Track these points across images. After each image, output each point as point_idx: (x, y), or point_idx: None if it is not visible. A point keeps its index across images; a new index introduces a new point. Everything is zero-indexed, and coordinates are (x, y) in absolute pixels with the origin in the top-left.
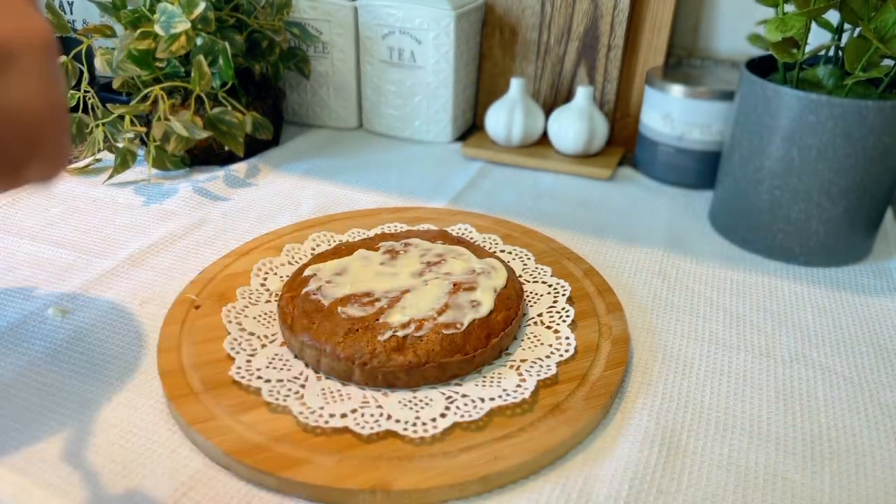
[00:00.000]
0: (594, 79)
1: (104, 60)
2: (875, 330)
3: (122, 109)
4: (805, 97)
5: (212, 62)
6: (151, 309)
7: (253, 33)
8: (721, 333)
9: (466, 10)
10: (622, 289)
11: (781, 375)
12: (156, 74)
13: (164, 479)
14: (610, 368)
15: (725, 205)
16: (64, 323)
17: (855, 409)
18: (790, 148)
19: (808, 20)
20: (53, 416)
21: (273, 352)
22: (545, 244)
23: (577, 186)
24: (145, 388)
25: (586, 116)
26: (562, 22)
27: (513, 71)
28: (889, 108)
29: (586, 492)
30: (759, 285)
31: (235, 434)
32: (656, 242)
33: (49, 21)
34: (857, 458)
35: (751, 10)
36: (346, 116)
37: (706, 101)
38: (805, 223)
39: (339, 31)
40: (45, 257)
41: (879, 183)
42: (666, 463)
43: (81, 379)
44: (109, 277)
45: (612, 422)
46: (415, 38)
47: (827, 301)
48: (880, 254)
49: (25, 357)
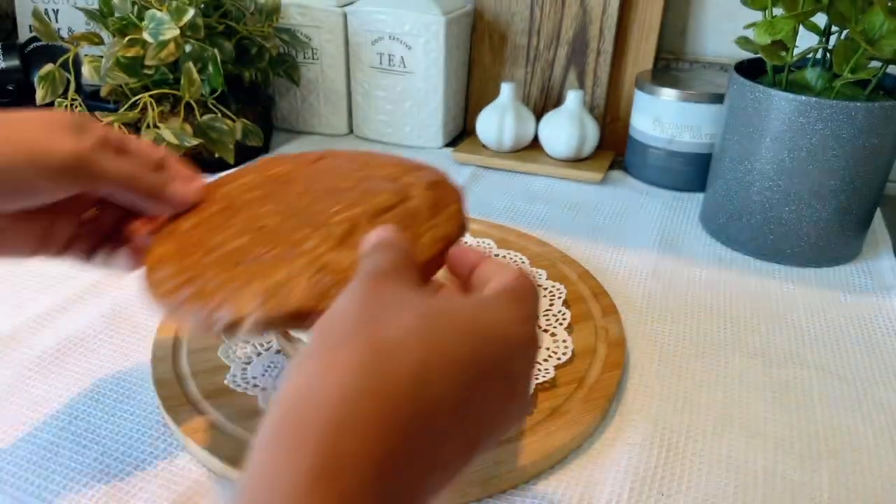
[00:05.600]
0: (584, 83)
1: (92, 68)
2: (867, 329)
3: (111, 117)
4: (794, 99)
5: (201, 69)
6: (143, 318)
7: (242, 40)
8: (715, 334)
9: (456, 15)
10: (616, 291)
11: (776, 375)
12: (144, 82)
13: (162, 491)
14: (607, 371)
15: (717, 207)
16: (55, 333)
17: (850, 407)
18: (780, 150)
19: (796, 23)
20: (45, 428)
21: (269, 360)
22: (539, 248)
23: (569, 190)
24: (140, 397)
25: (577, 120)
26: (551, 27)
27: (503, 76)
28: (877, 109)
29: (587, 495)
30: (752, 286)
31: (233, 443)
32: (649, 245)
33: (37, 29)
34: (854, 455)
35: (738, 13)
36: (337, 123)
37: (696, 104)
38: (796, 224)
39: (328, 38)
40: (35, 267)
41: (869, 183)
42: (665, 465)
43: (73, 390)
44: (100, 286)
45: (611, 424)
46: (404, 43)
47: (819, 301)
48: (870, 253)
49: (16, 369)
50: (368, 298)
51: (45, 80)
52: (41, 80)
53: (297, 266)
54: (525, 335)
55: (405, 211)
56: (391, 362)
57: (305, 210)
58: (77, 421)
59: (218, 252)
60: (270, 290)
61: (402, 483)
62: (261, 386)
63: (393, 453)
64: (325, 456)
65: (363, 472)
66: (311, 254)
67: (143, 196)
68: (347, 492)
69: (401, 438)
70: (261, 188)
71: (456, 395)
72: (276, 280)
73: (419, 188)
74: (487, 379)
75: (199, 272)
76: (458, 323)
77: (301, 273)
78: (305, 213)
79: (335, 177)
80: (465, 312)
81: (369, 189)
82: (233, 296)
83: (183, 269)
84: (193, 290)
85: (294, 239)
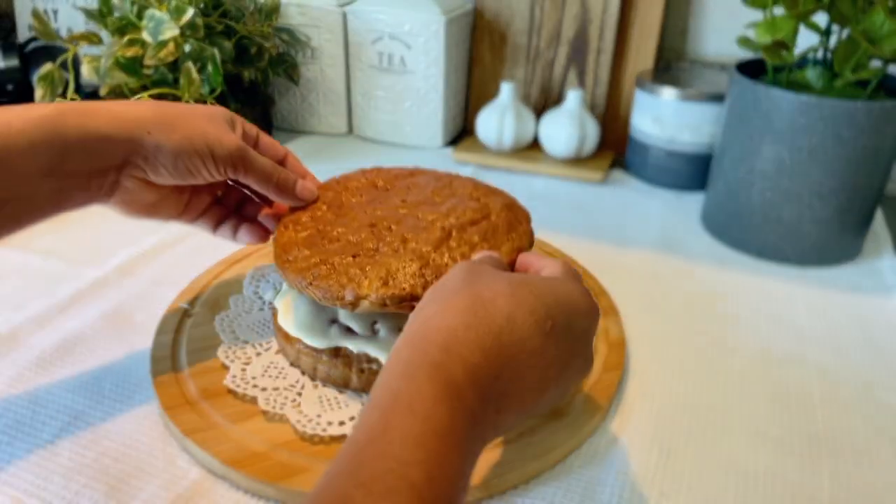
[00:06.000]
0: (584, 83)
1: (91, 68)
2: (868, 328)
3: None
4: (795, 98)
5: (201, 69)
6: (143, 318)
7: (242, 39)
8: (716, 334)
9: (456, 14)
10: (617, 291)
11: (777, 375)
12: (144, 82)
13: (162, 492)
14: (607, 371)
15: (717, 206)
16: (54, 333)
17: (851, 407)
18: (781, 149)
19: (796, 22)
20: (45, 428)
21: (268, 360)
22: (539, 248)
23: (569, 190)
24: (139, 398)
25: (577, 120)
26: (551, 26)
27: (503, 75)
28: (878, 109)
29: (588, 496)
30: (752, 286)
31: (233, 443)
32: (649, 245)
33: (37, 29)
34: (855, 456)
35: (739, 13)
36: (336, 122)
37: (696, 104)
38: (797, 224)
39: (328, 37)
40: (35, 267)
41: (869, 183)
42: (666, 465)
43: (73, 390)
44: (99, 287)
45: (612, 425)
46: (405, 43)
47: (820, 301)
48: (871, 253)
49: (15, 369)
50: (471, 272)
51: (44, 80)
52: (40, 80)
53: (404, 260)
54: (587, 303)
55: (488, 225)
56: (486, 309)
57: (407, 217)
58: (77, 421)
59: (339, 242)
60: (385, 278)
61: (489, 386)
62: (260, 386)
63: (482, 366)
64: (441, 356)
65: (463, 371)
66: (416, 252)
67: (275, 190)
68: (451, 380)
69: (490, 359)
70: (365, 194)
71: (533, 340)
72: (389, 270)
73: (497, 208)
74: (557, 334)
75: (326, 257)
76: (536, 289)
77: (408, 266)
78: (407, 219)
79: (428, 192)
80: (541, 283)
81: (457, 205)
82: (356, 278)
83: (313, 253)
84: (323, 269)
85: (401, 238)
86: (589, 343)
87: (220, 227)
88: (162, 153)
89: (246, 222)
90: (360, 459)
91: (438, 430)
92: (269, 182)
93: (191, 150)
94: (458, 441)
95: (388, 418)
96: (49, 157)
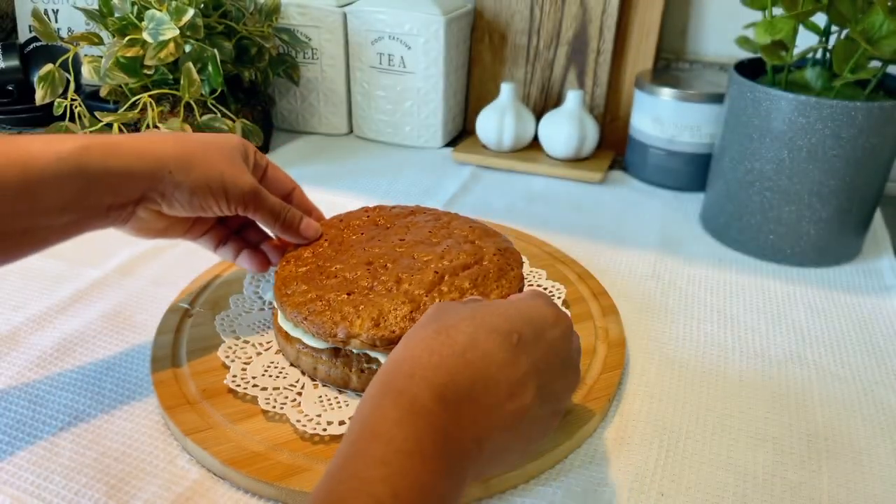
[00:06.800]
0: (584, 83)
1: (91, 68)
2: (867, 328)
3: (111, 118)
4: (795, 99)
5: (201, 69)
6: (143, 318)
7: (242, 40)
8: (715, 334)
9: (456, 15)
10: (616, 291)
11: (777, 375)
12: (144, 82)
13: (162, 491)
14: (607, 371)
15: (717, 206)
16: (54, 333)
17: (850, 407)
18: (780, 149)
19: (796, 23)
20: (45, 428)
21: (268, 360)
22: (539, 248)
23: (568, 190)
24: (139, 398)
25: (577, 120)
26: (551, 27)
27: (503, 76)
28: (877, 109)
29: (588, 496)
30: (752, 286)
31: (233, 443)
32: (649, 245)
33: (37, 29)
34: (854, 456)
35: (738, 13)
36: (336, 122)
37: (696, 104)
38: (796, 224)
39: (328, 37)
40: (35, 267)
41: (869, 183)
42: (665, 465)
43: (73, 390)
44: (99, 287)
45: (612, 424)
46: (404, 43)
47: (819, 301)
48: (870, 253)
49: (15, 369)
50: (438, 308)
51: (44, 81)
52: (41, 81)
53: (397, 302)
54: (553, 313)
55: (480, 270)
56: (449, 334)
57: (403, 256)
58: (77, 421)
59: (336, 279)
60: (377, 319)
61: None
62: (260, 386)
63: (449, 385)
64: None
65: (430, 391)
66: (408, 294)
67: (280, 228)
68: (416, 401)
69: (457, 376)
70: (365, 231)
71: (500, 354)
72: (382, 311)
73: (490, 252)
74: (526, 344)
75: (322, 293)
76: (498, 309)
77: (399, 308)
78: (403, 259)
79: (426, 231)
80: (504, 303)
81: (452, 246)
82: (349, 317)
83: (310, 289)
84: (318, 305)
85: (395, 279)
86: (567, 349)
87: (221, 247)
88: (179, 190)
89: (247, 248)
90: (330, 486)
91: (403, 448)
92: (276, 221)
93: (206, 190)
94: (426, 457)
95: (357, 445)
96: (72, 192)
